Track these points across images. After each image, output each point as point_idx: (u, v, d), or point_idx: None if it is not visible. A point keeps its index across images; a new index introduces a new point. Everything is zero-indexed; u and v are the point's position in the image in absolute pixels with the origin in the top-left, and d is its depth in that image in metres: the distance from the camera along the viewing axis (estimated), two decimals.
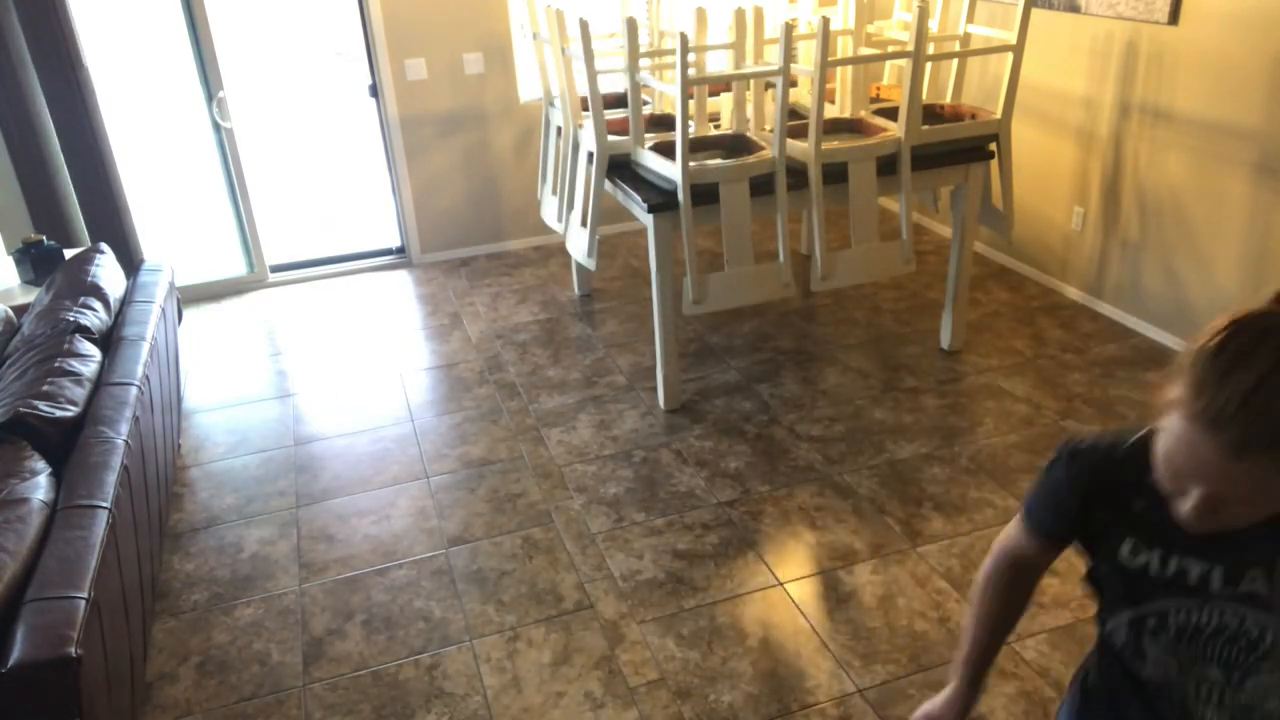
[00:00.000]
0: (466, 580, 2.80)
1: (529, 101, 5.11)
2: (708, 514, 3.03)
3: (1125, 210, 3.97)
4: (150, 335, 2.99)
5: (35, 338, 2.74)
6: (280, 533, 3.06)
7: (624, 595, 2.70)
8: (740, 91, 3.64)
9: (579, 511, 3.08)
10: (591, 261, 3.61)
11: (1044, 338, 4.03)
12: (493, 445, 3.48)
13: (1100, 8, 3.85)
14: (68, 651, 1.73)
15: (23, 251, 3.75)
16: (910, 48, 3.30)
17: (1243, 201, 3.45)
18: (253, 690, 2.44)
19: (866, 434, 3.41)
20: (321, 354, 4.27)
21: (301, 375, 4.08)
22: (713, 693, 2.36)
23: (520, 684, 2.42)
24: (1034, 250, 4.56)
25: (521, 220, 5.37)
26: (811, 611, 2.60)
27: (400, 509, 3.14)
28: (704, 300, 3.35)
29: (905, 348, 4.02)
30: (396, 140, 4.96)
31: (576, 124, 3.72)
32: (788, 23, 3.11)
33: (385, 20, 4.71)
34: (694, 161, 3.27)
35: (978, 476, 3.14)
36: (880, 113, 3.77)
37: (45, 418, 2.35)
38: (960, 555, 2.78)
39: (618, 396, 3.76)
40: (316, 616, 2.69)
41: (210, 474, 3.40)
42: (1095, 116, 4.02)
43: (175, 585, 2.84)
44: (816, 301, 4.52)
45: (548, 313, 4.56)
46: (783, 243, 3.41)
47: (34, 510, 2.05)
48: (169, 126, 6.46)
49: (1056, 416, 3.46)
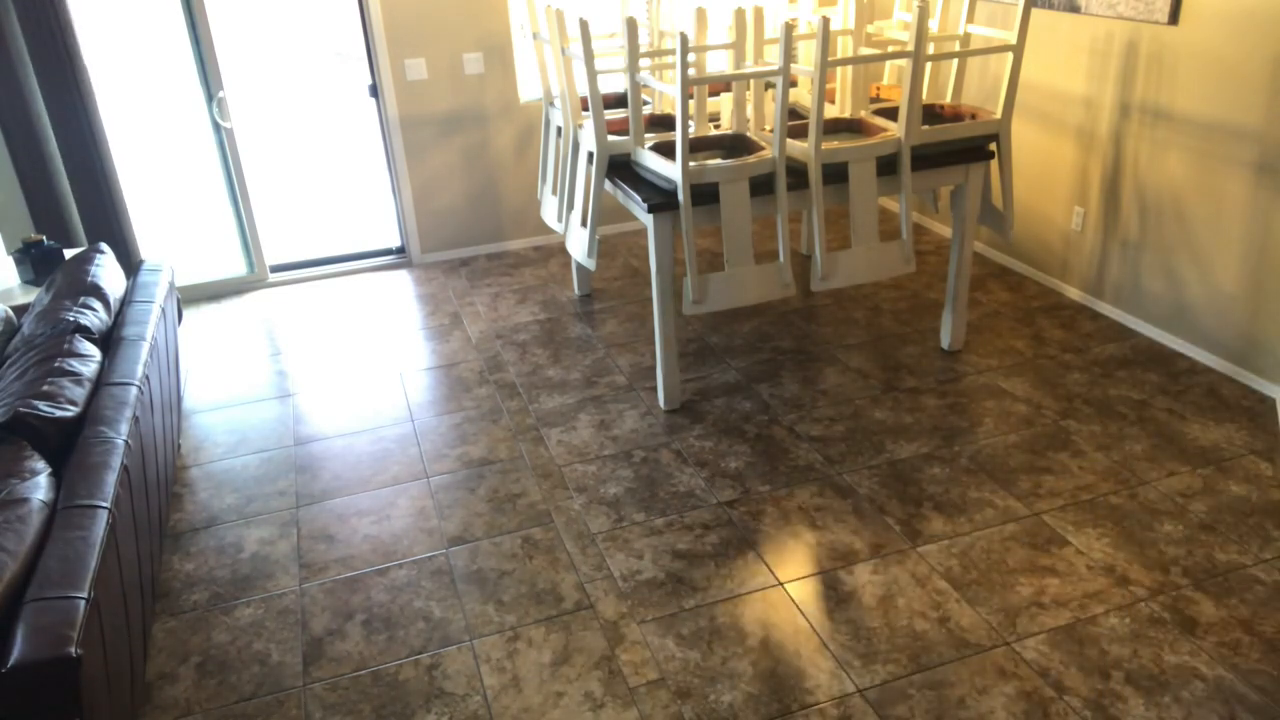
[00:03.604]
0: (466, 580, 2.80)
1: (529, 101, 5.11)
2: (708, 514, 3.03)
3: (1125, 210, 3.97)
4: (150, 335, 2.99)
5: (35, 338, 2.74)
6: (280, 533, 3.06)
7: (624, 595, 2.70)
8: (740, 91, 3.64)
9: (579, 511, 3.08)
10: (591, 261, 3.61)
11: (1044, 338, 4.03)
12: (493, 445, 3.48)
13: (1100, 8, 3.85)
14: (68, 651, 1.73)
15: (23, 251, 3.75)
16: (910, 48, 3.30)
17: (1243, 201, 3.45)
18: (253, 690, 2.44)
19: (866, 434, 3.41)
20: (321, 354, 4.27)
21: (301, 375, 4.08)
22: (713, 693, 2.36)
23: (520, 684, 2.42)
24: (1034, 250, 4.56)
25: (521, 220, 5.37)
26: (811, 611, 2.60)
27: (400, 509, 3.14)
28: (704, 300, 3.35)
29: (905, 348, 4.02)
30: (396, 140, 4.96)
31: (576, 124, 3.72)
32: (788, 23, 3.11)
33: (385, 20, 4.71)
34: (694, 161, 3.27)
35: (978, 476, 3.14)
36: (880, 113, 3.77)
37: (45, 418, 2.35)
38: (960, 555, 2.78)
39: (618, 396, 3.76)
40: (316, 616, 2.69)
41: (210, 474, 3.40)
42: (1095, 116, 4.02)
43: (175, 585, 2.84)
44: (816, 301, 4.52)
45: (548, 313, 4.56)
46: (783, 243, 3.41)
47: (34, 510, 2.05)
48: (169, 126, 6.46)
49: (1056, 416, 3.46)
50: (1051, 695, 2.29)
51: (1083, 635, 2.46)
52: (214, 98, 4.63)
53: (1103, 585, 2.64)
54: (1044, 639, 2.46)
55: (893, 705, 2.29)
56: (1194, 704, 2.25)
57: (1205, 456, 3.18)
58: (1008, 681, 2.34)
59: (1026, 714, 2.25)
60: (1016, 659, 2.40)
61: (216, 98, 4.63)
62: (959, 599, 2.61)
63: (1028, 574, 2.69)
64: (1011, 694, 2.30)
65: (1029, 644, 2.45)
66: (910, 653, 2.45)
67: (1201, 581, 2.63)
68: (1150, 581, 2.64)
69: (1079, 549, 2.78)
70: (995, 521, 2.92)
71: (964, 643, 2.47)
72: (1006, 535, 2.86)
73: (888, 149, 3.41)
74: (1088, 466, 3.16)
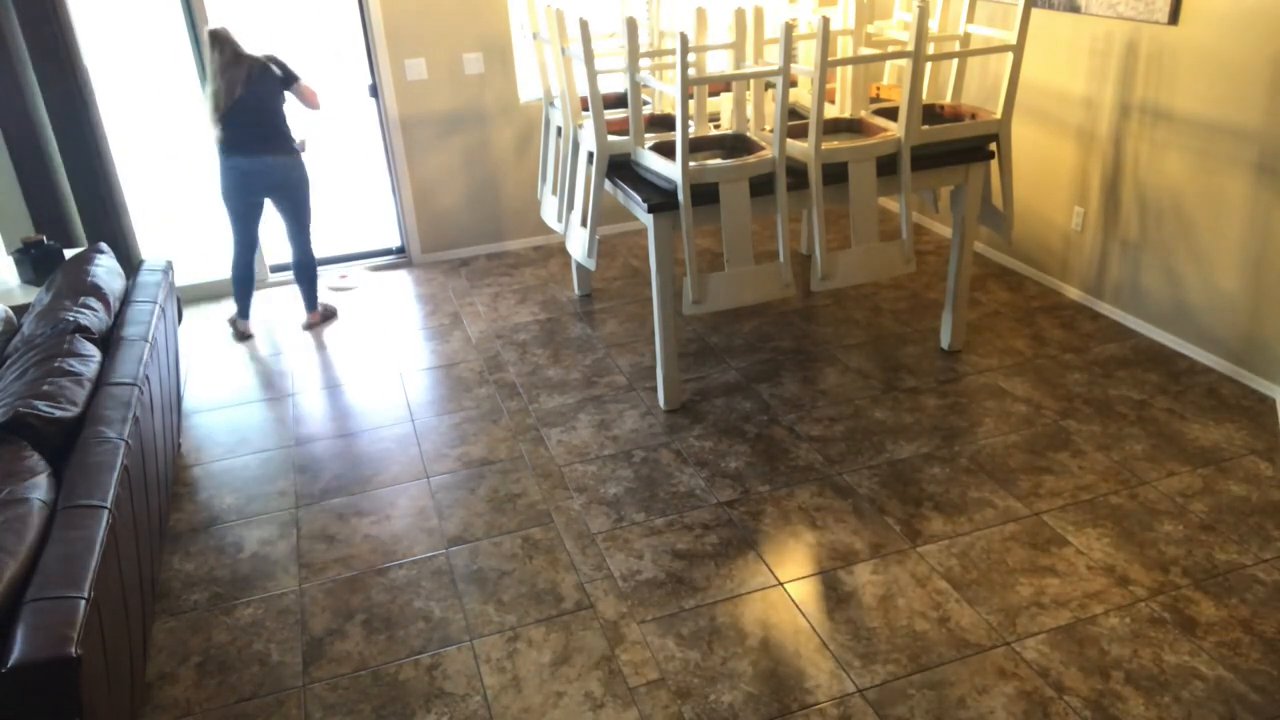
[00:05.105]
0: (466, 580, 2.80)
1: (529, 101, 5.11)
2: (708, 514, 3.03)
3: (1125, 210, 3.97)
4: (150, 335, 2.99)
5: (35, 338, 2.74)
6: (280, 533, 3.06)
7: (624, 595, 2.70)
8: (740, 91, 3.64)
9: (579, 511, 3.08)
10: (591, 261, 3.61)
11: (1044, 338, 4.03)
12: (493, 445, 3.48)
13: (1100, 8, 3.85)
14: (68, 651, 1.73)
15: (23, 251, 3.75)
16: (910, 48, 3.30)
17: (1243, 201, 3.45)
18: (253, 690, 2.44)
19: (866, 434, 3.41)
20: (321, 354, 4.27)
21: (301, 375, 4.08)
22: (713, 693, 2.36)
23: (520, 684, 2.42)
24: (1034, 250, 4.56)
25: (521, 220, 5.37)
26: (811, 611, 2.60)
27: (400, 509, 3.14)
28: (704, 300, 3.35)
29: (905, 348, 4.02)
30: (396, 140, 4.96)
31: (576, 124, 3.72)
32: (788, 23, 3.11)
33: (385, 20, 4.71)
34: (694, 161, 3.27)
35: (978, 476, 3.14)
36: (880, 113, 3.77)
37: (45, 418, 2.35)
38: (960, 555, 2.78)
39: (618, 396, 3.76)
40: (316, 616, 2.69)
41: (210, 474, 3.40)
42: (1095, 116, 4.02)
43: (175, 585, 2.84)
44: (816, 301, 4.52)
45: (548, 313, 4.56)
46: (783, 243, 3.41)
47: (34, 510, 2.05)
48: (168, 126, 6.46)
49: (1056, 416, 3.46)
50: (1051, 695, 2.29)
51: (1083, 635, 2.47)
52: None
53: (1103, 585, 2.64)
54: (1044, 639, 2.46)
55: (893, 705, 2.29)
56: (1194, 704, 2.25)
57: (1205, 456, 3.18)
58: (1008, 681, 2.34)
59: (1026, 714, 2.25)
60: (1016, 659, 2.40)
61: None
62: (959, 599, 2.61)
63: (1028, 574, 2.69)
64: (1011, 694, 2.30)
65: (1029, 644, 2.45)
66: (910, 653, 2.45)
67: (1201, 581, 2.63)
68: (1150, 581, 2.64)
69: (1079, 549, 2.78)
70: (995, 521, 2.92)
71: (964, 643, 2.47)
72: (1006, 535, 2.86)
73: (888, 149, 3.41)
74: (1088, 466, 3.16)
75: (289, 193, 4.23)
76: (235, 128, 4.05)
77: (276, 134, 4.13)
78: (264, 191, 4.21)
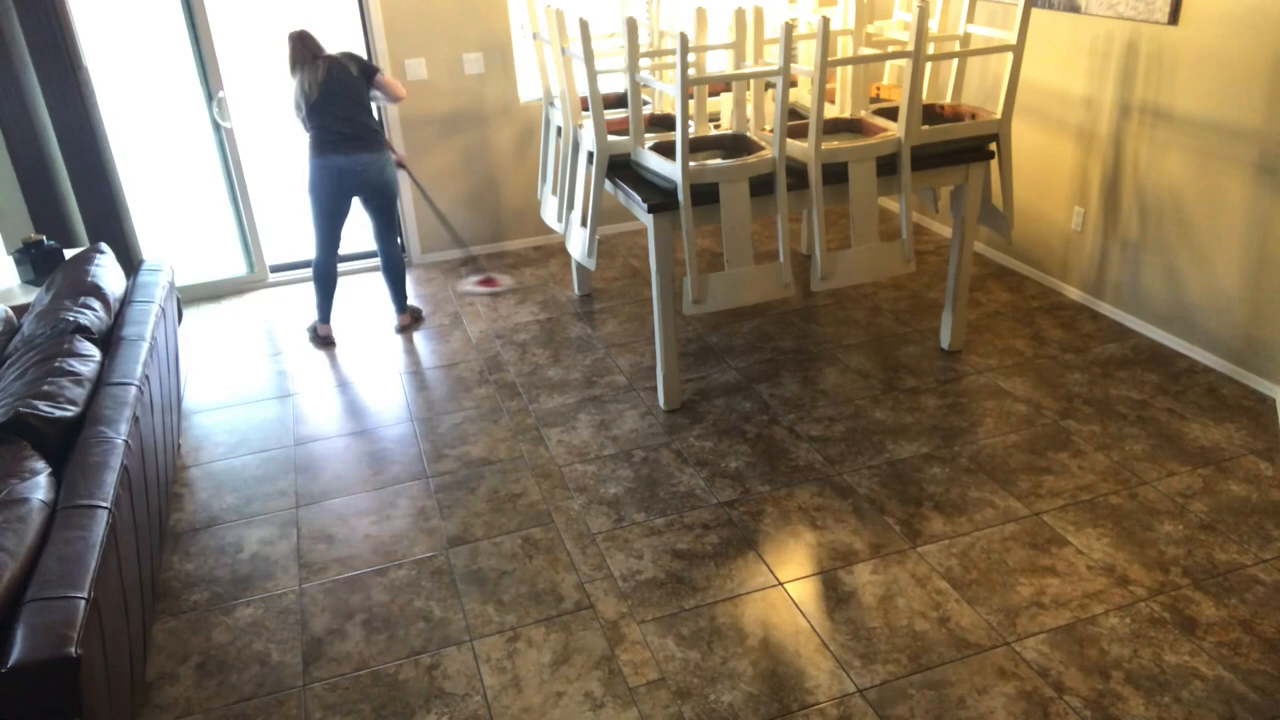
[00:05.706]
0: (466, 580, 2.80)
1: (529, 101, 5.11)
2: (708, 514, 3.03)
3: (1125, 210, 3.97)
4: (150, 335, 2.99)
5: (35, 338, 2.74)
6: (280, 533, 3.06)
7: (624, 595, 2.70)
8: (740, 91, 3.64)
9: (579, 511, 3.08)
10: (591, 261, 3.61)
11: (1044, 338, 4.03)
12: (493, 445, 3.48)
13: (1100, 8, 3.85)
14: (68, 651, 1.73)
15: (23, 251, 3.75)
16: (910, 48, 3.30)
17: (1243, 201, 3.45)
18: (253, 690, 2.44)
19: (866, 434, 3.41)
20: (321, 354, 4.27)
21: (301, 375, 4.08)
22: (713, 693, 2.36)
23: (520, 684, 2.42)
24: (1034, 250, 4.56)
25: (521, 220, 5.37)
26: (811, 611, 2.60)
27: (400, 509, 3.14)
28: (704, 300, 3.35)
29: (905, 348, 4.02)
30: (397, 140, 4.96)
31: (576, 124, 3.72)
32: (788, 23, 3.11)
33: (385, 20, 4.71)
34: (694, 161, 3.27)
35: (978, 476, 3.14)
36: (880, 113, 3.77)
37: (45, 418, 2.35)
38: (960, 555, 2.78)
39: (618, 396, 3.76)
40: (316, 616, 2.69)
41: (210, 474, 3.40)
42: (1095, 116, 4.02)
43: (175, 585, 2.84)
44: (816, 301, 4.52)
45: (548, 313, 4.56)
46: (783, 243, 3.41)
47: (34, 510, 2.05)
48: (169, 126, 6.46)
49: (1056, 416, 3.46)
50: (1051, 695, 2.29)
51: (1083, 635, 2.46)
52: (214, 98, 4.63)
53: (1103, 585, 2.64)
54: (1044, 639, 2.46)
55: (893, 705, 2.29)
56: (1194, 704, 2.25)
57: (1205, 456, 3.18)
58: (1008, 681, 2.34)
59: (1026, 714, 2.25)
60: (1016, 659, 2.40)
61: (216, 98, 4.63)
62: (959, 599, 2.61)
63: (1028, 574, 2.69)
64: (1011, 694, 2.30)
65: (1029, 644, 2.45)
66: (910, 653, 2.45)
67: (1201, 581, 2.63)
68: (1150, 581, 2.64)
69: (1079, 549, 2.78)
70: (995, 521, 2.92)
71: (964, 643, 2.47)
72: (1006, 535, 2.86)
73: (888, 149, 3.41)
74: (1088, 466, 3.16)
75: (381, 191, 4.18)
76: (324, 128, 4.03)
77: (367, 131, 4.08)
78: (356, 190, 4.16)
